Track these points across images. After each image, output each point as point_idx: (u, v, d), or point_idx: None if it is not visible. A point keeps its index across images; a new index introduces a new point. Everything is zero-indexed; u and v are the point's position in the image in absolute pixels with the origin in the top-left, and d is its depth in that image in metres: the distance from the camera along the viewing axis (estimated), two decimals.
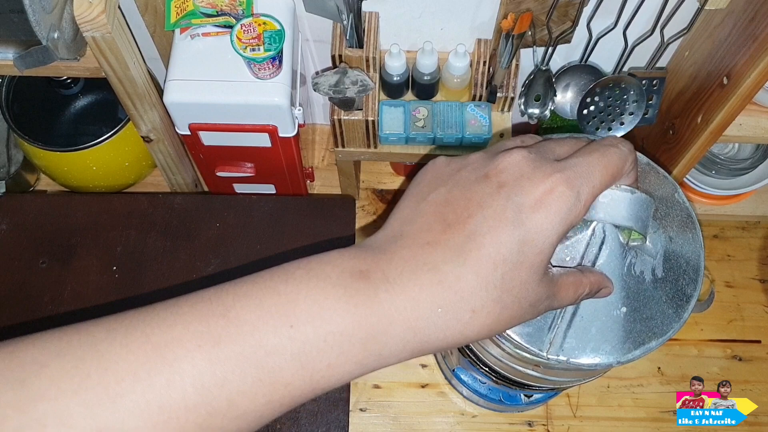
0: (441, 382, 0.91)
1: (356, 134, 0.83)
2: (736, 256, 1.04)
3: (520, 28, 0.73)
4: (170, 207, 0.86)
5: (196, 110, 0.76)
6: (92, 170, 0.94)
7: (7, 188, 0.92)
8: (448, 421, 0.89)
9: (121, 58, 0.69)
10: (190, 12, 0.74)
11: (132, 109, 0.78)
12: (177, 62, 0.75)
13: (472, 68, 0.83)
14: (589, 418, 0.91)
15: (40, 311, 0.79)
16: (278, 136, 0.79)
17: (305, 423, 0.74)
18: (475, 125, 0.82)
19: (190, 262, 0.82)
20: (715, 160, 0.95)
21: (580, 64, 0.83)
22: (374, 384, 0.91)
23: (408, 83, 0.86)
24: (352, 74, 0.76)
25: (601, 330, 0.50)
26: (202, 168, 0.90)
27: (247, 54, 0.70)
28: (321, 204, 0.87)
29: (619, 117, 0.83)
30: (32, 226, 0.84)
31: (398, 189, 1.05)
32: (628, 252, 0.50)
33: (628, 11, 0.74)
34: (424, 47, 0.80)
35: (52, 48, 0.65)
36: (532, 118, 0.86)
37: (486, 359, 0.67)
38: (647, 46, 0.77)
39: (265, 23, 0.71)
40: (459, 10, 0.80)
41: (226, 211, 0.85)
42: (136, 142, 0.89)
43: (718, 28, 0.74)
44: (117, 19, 0.66)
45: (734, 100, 0.72)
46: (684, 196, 0.57)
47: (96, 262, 0.82)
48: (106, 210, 0.85)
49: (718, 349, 0.96)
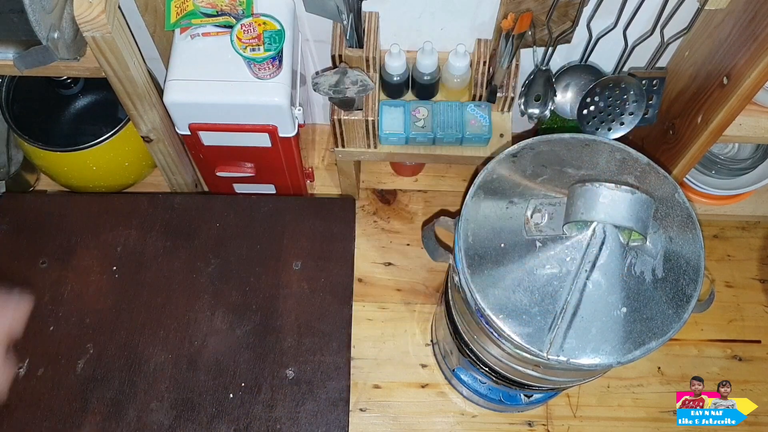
0: (441, 382, 0.91)
1: (356, 134, 0.83)
2: (736, 256, 1.04)
3: (520, 28, 0.73)
4: (170, 207, 0.86)
5: (196, 110, 0.76)
6: (92, 170, 0.94)
7: (7, 188, 0.92)
8: (448, 421, 0.89)
9: (121, 58, 0.69)
10: (190, 12, 0.74)
11: (132, 109, 0.78)
12: (177, 62, 0.75)
13: (472, 68, 0.83)
14: (589, 418, 0.91)
15: (40, 311, 0.79)
16: (278, 136, 0.79)
17: (305, 423, 0.74)
18: (475, 125, 0.82)
19: (190, 262, 0.82)
20: (715, 160, 0.95)
21: (580, 64, 0.83)
22: (374, 384, 0.91)
23: (408, 83, 0.86)
24: (352, 74, 0.76)
25: (601, 330, 0.50)
26: (202, 168, 0.90)
27: (247, 54, 0.70)
28: (321, 204, 0.87)
29: (619, 117, 0.83)
30: (32, 226, 0.84)
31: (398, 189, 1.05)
32: (629, 252, 0.50)
33: (628, 11, 0.74)
34: (424, 47, 0.80)
35: (52, 48, 0.65)
36: (532, 118, 0.86)
37: (486, 359, 0.67)
38: (647, 46, 0.77)
39: (265, 23, 0.71)
40: (459, 10, 0.80)
41: (226, 211, 0.85)
42: (136, 142, 0.89)
43: (718, 28, 0.74)
44: (117, 19, 0.66)
45: (734, 100, 0.72)
46: (684, 196, 0.57)
47: (96, 262, 0.82)
48: (107, 210, 0.85)
49: (718, 349, 0.96)
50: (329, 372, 0.77)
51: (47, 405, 0.74)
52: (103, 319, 0.79)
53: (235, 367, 0.77)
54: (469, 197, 0.57)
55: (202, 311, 0.79)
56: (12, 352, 0.64)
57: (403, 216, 1.03)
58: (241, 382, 0.76)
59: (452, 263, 0.64)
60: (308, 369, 0.77)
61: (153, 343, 0.77)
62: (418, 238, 1.00)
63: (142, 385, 0.75)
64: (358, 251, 0.95)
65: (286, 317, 0.79)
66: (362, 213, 1.02)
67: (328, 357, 0.77)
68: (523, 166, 0.58)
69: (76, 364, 0.76)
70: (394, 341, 0.93)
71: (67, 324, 0.78)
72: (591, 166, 0.57)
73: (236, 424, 0.74)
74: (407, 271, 0.98)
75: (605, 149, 0.58)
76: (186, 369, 0.76)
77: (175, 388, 0.75)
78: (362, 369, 0.91)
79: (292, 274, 0.81)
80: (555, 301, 0.51)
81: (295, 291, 0.81)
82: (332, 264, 0.83)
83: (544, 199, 0.54)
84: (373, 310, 0.95)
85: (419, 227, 1.02)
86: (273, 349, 0.78)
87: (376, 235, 1.01)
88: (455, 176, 1.06)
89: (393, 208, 1.03)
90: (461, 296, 0.61)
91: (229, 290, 0.80)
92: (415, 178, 1.06)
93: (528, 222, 0.53)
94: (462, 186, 1.05)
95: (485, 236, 0.54)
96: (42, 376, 0.76)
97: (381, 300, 0.96)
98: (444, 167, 1.06)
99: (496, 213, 0.55)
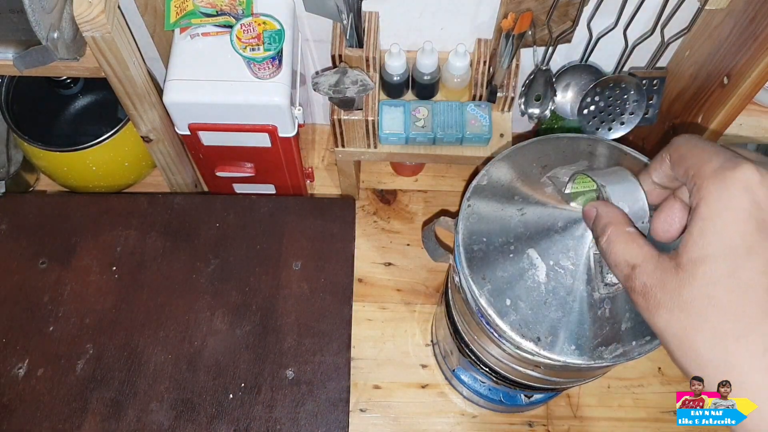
0: (441, 383, 0.91)
1: (356, 134, 0.83)
2: None
3: (521, 28, 0.73)
4: (170, 207, 0.86)
5: (196, 110, 0.76)
6: (92, 170, 0.94)
7: (7, 188, 0.92)
8: (449, 421, 0.89)
9: (120, 58, 0.69)
10: (189, 12, 0.74)
11: (132, 109, 0.78)
12: (177, 62, 0.75)
13: (472, 68, 0.83)
14: (589, 418, 0.90)
15: (40, 311, 0.79)
16: (278, 136, 0.79)
17: (305, 423, 0.74)
18: (475, 125, 0.82)
19: (190, 262, 0.82)
20: None
21: (580, 64, 0.83)
22: (374, 384, 0.91)
23: (408, 83, 0.86)
24: (352, 74, 0.76)
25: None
26: (202, 168, 0.90)
27: (247, 54, 0.70)
28: (321, 204, 0.87)
29: (620, 117, 0.83)
30: (32, 226, 0.84)
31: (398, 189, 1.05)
32: None
33: (629, 11, 0.74)
34: (424, 47, 0.80)
35: (52, 48, 0.65)
36: (532, 118, 0.86)
37: (486, 359, 0.67)
38: (647, 46, 0.77)
39: (265, 23, 0.71)
40: (459, 10, 0.80)
41: (226, 211, 0.85)
42: (136, 142, 0.89)
43: (719, 28, 0.74)
44: (117, 19, 0.66)
45: (734, 100, 0.72)
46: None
47: (96, 262, 0.82)
48: (106, 210, 0.85)
49: None
50: (329, 372, 0.77)
51: (47, 405, 0.74)
52: (102, 319, 0.79)
53: (235, 367, 0.76)
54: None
55: (202, 311, 0.79)
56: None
57: (403, 216, 1.02)
58: (240, 383, 0.76)
59: (452, 263, 0.64)
60: (308, 369, 0.77)
61: (153, 343, 0.77)
62: (418, 238, 1.00)
63: (142, 385, 0.75)
64: (358, 251, 0.95)
65: (286, 317, 0.79)
66: (362, 213, 1.02)
67: (328, 357, 0.77)
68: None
69: (76, 364, 0.76)
70: (394, 341, 0.93)
71: (66, 324, 0.78)
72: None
73: (236, 424, 0.74)
74: (407, 271, 0.98)
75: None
76: (186, 369, 0.76)
77: (174, 388, 0.75)
78: (362, 369, 0.91)
79: (291, 274, 0.81)
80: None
81: (295, 291, 0.81)
82: (332, 264, 0.83)
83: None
84: (373, 310, 0.95)
85: (419, 227, 1.01)
86: (273, 349, 0.78)
87: (376, 235, 1.01)
88: (455, 176, 1.06)
89: (393, 208, 1.03)
90: (461, 296, 0.61)
91: (228, 290, 0.80)
92: (415, 178, 1.06)
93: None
94: (462, 186, 1.05)
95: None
96: (42, 376, 0.76)
97: (381, 300, 0.96)
98: (444, 167, 1.06)
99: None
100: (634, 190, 0.43)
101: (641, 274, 0.37)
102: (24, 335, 0.77)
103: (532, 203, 0.54)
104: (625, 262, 0.38)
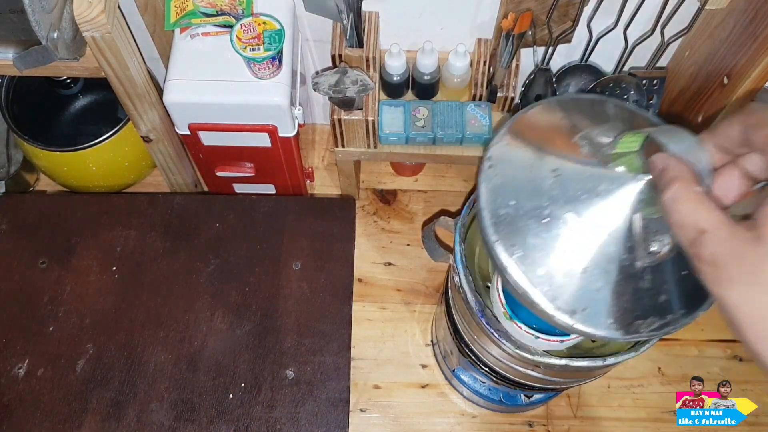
0: (441, 383, 0.91)
1: (356, 134, 0.83)
2: None
3: (521, 28, 0.73)
4: (170, 207, 0.86)
5: (196, 110, 0.76)
6: (92, 170, 0.94)
7: (7, 188, 0.92)
8: (449, 421, 0.89)
9: (120, 58, 0.69)
10: (189, 12, 0.74)
11: (132, 109, 0.78)
12: (177, 62, 0.75)
13: (473, 68, 0.83)
14: (589, 418, 0.90)
15: (40, 311, 0.79)
16: (278, 136, 0.79)
17: (305, 423, 0.74)
18: (475, 125, 0.82)
19: (190, 262, 0.82)
20: None
21: (580, 64, 0.83)
22: (374, 384, 0.91)
23: (408, 83, 0.86)
24: (352, 74, 0.76)
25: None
26: (202, 168, 0.90)
27: (247, 54, 0.70)
28: (321, 204, 0.87)
29: None
30: (32, 226, 0.84)
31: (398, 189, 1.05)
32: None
33: (629, 11, 0.74)
34: (424, 47, 0.80)
35: (52, 48, 0.65)
36: None
37: (486, 359, 0.67)
38: (647, 46, 0.77)
39: (265, 23, 0.71)
40: (459, 10, 0.79)
41: (226, 211, 0.85)
42: (136, 142, 0.89)
43: (719, 28, 0.74)
44: (117, 18, 0.66)
45: (734, 100, 0.72)
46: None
47: (96, 262, 0.82)
48: (106, 210, 0.85)
49: (718, 349, 0.96)
50: (329, 372, 0.77)
51: (47, 405, 0.74)
52: (102, 319, 0.79)
53: (235, 367, 0.76)
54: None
55: (202, 311, 0.79)
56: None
57: (403, 216, 1.02)
58: (240, 383, 0.76)
59: (452, 263, 0.64)
60: (308, 369, 0.77)
61: (153, 343, 0.77)
62: (418, 238, 1.00)
63: (142, 385, 0.75)
64: (358, 251, 0.95)
65: (286, 317, 0.79)
66: (362, 213, 1.02)
67: (328, 357, 0.77)
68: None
69: (76, 364, 0.76)
70: (394, 341, 0.93)
71: (66, 324, 0.78)
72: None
73: (236, 424, 0.74)
74: (407, 271, 0.98)
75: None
76: (186, 369, 0.76)
77: (174, 388, 0.75)
78: (362, 369, 0.91)
79: (292, 274, 0.81)
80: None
81: (295, 291, 0.81)
82: (332, 264, 0.83)
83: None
84: (373, 310, 0.95)
85: (419, 227, 1.01)
86: (273, 349, 0.78)
87: (376, 235, 1.01)
88: (455, 176, 1.06)
89: (393, 208, 1.03)
90: (461, 296, 0.61)
91: (228, 290, 0.80)
92: (415, 178, 1.06)
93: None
94: (462, 186, 1.05)
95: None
96: (42, 376, 0.76)
97: (381, 300, 0.96)
98: (444, 167, 1.06)
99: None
100: (697, 150, 0.39)
101: (711, 242, 0.34)
102: (24, 335, 0.77)
103: (569, 164, 0.48)
104: (693, 225, 0.35)
